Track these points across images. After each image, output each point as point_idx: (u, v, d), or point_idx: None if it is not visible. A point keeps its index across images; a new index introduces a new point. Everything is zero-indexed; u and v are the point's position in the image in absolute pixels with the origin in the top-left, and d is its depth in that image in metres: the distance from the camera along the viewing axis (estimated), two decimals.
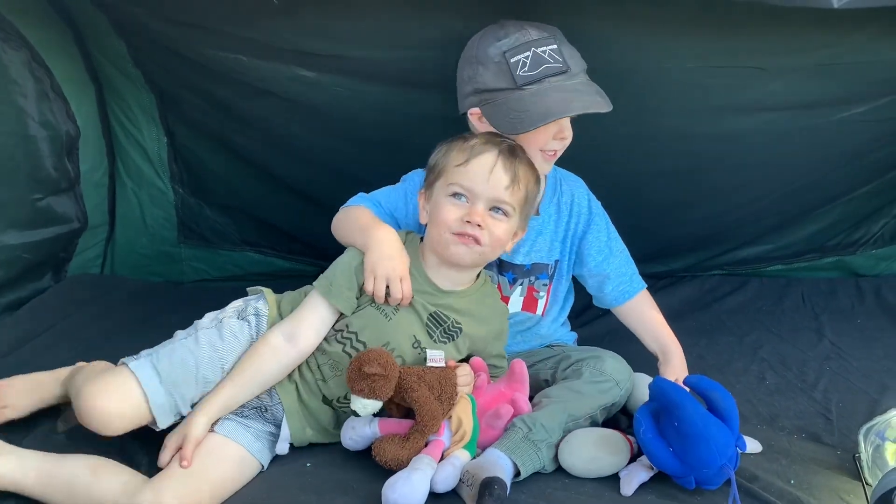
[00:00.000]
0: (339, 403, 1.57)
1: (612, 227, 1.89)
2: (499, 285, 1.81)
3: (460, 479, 1.42)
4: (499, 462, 1.43)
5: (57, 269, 2.45)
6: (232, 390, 1.51)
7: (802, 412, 1.79)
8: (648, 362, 1.79)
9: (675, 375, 1.69)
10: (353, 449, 1.54)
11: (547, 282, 1.85)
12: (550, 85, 1.60)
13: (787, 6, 1.53)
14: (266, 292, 1.65)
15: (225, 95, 2.16)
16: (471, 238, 1.55)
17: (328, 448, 1.59)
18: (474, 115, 1.70)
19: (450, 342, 1.62)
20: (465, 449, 1.49)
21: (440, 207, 1.58)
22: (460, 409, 1.53)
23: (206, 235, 2.64)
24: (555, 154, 1.71)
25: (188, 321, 1.65)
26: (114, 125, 2.44)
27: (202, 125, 2.39)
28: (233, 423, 1.53)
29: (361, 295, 1.58)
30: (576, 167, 1.95)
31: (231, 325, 1.57)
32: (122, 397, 1.45)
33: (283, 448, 1.55)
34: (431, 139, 1.75)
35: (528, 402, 1.60)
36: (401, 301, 1.56)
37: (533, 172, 1.63)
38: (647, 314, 1.87)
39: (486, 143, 1.59)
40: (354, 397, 1.47)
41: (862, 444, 1.51)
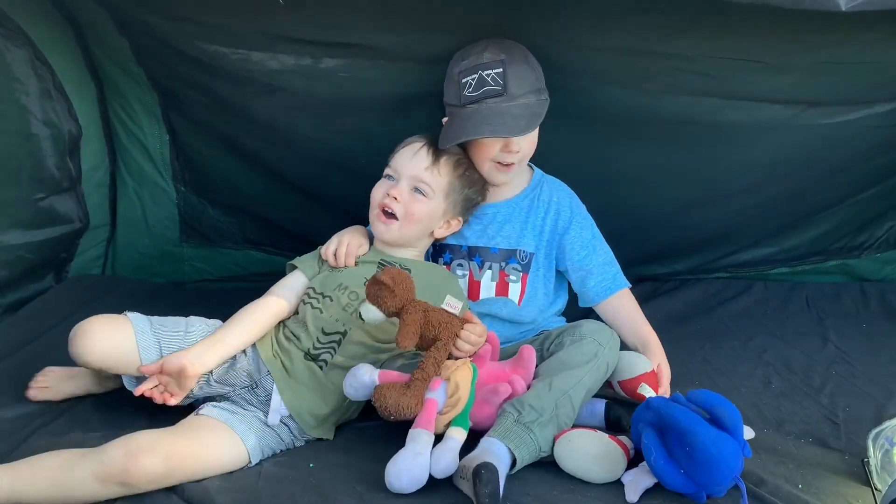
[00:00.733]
0: (314, 350, 1.69)
1: (597, 230, 1.97)
2: (469, 272, 1.92)
3: (459, 476, 1.43)
4: (492, 449, 1.45)
5: (58, 269, 2.45)
6: (228, 334, 1.67)
7: (809, 416, 1.78)
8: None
9: (656, 361, 1.79)
10: (353, 398, 1.59)
11: (518, 268, 1.91)
12: (486, 106, 1.76)
13: (795, 8, 1.52)
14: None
15: (228, 93, 2.15)
16: (390, 214, 1.77)
17: (331, 448, 1.59)
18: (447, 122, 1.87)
19: None
20: (457, 424, 1.50)
21: (374, 188, 1.82)
22: (460, 375, 1.54)
23: (209, 234, 2.63)
24: (510, 166, 1.85)
25: None
26: (115, 124, 2.44)
27: (204, 123, 2.38)
28: (221, 410, 1.59)
29: (322, 266, 1.83)
30: (578, 170, 1.96)
31: (217, 324, 1.75)
32: (110, 326, 1.61)
33: (274, 419, 1.61)
34: (435, 131, 1.78)
35: (525, 386, 1.61)
36: (345, 259, 1.79)
37: (461, 166, 1.82)
38: (626, 309, 1.94)
39: (420, 136, 1.84)
40: (364, 302, 1.58)
41: (871, 448, 1.49)
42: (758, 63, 1.88)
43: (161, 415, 1.64)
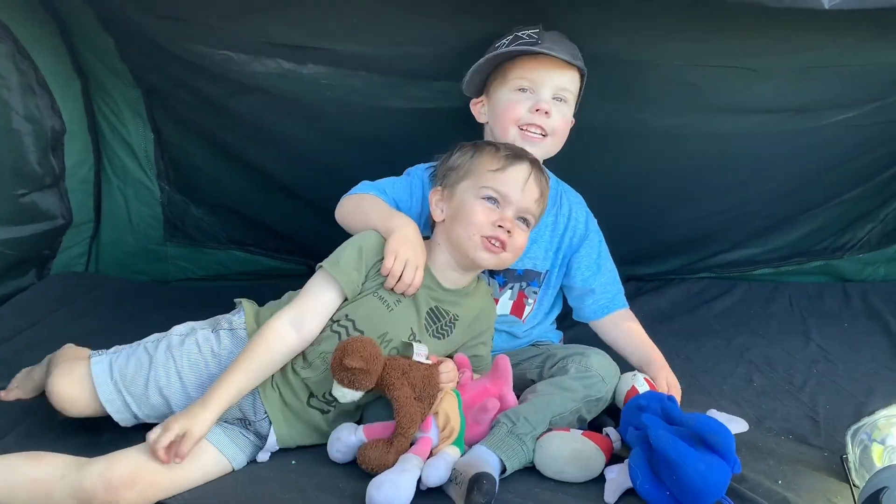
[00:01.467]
0: (329, 395, 1.52)
1: (605, 246, 1.93)
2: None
3: (450, 479, 1.41)
4: (485, 458, 1.43)
5: (40, 266, 2.43)
6: (239, 381, 1.48)
7: (790, 414, 1.79)
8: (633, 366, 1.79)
9: (660, 374, 1.74)
10: (341, 462, 1.50)
11: (537, 290, 1.88)
12: (516, 47, 1.70)
13: (777, 7, 1.53)
14: (245, 304, 1.64)
15: (213, 92, 2.15)
16: (498, 244, 1.58)
17: (313, 448, 1.57)
18: (475, 105, 1.82)
19: (443, 339, 1.63)
20: (453, 445, 1.48)
21: (471, 208, 1.59)
22: (447, 405, 1.52)
23: (192, 234, 2.62)
24: (538, 134, 1.74)
25: (172, 320, 1.65)
26: (100, 121, 2.43)
27: (189, 122, 2.37)
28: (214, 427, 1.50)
29: (366, 280, 1.58)
30: (564, 169, 1.95)
31: (198, 336, 1.58)
32: (76, 386, 1.53)
33: (264, 457, 1.54)
34: (419, 134, 1.76)
35: (515, 396, 1.60)
36: (408, 288, 1.57)
37: (548, 185, 1.69)
38: (622, 328, 1.89)
39: (518, 154, 1.64)
40: (335, 384, 1.47)
41: (849, 445, 1.50)
42: (743, 70, 1.89)
43: None
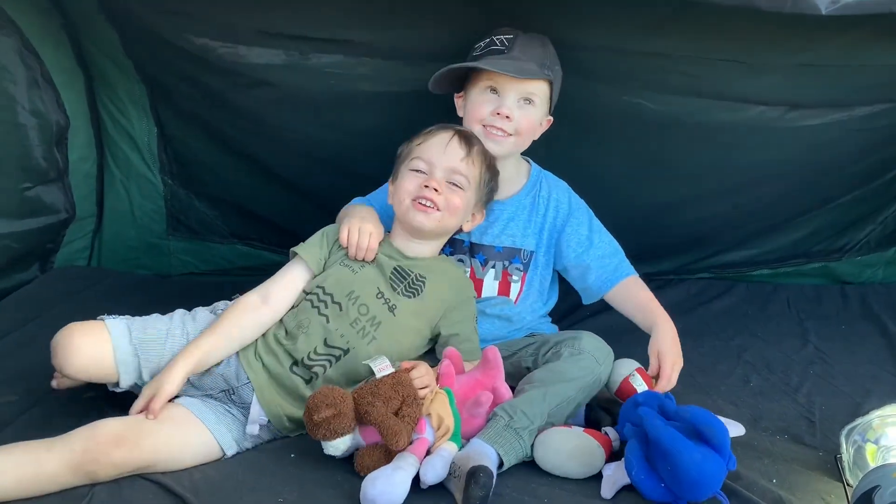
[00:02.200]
0: (308, 360, 1.61)
1: (597, 223, 1.95)
2: (471, 269, 1.90)
3: (448, 473, 1.42)
4: (483, 451, 1.45)
5: (43, 259, 2.45)
6: (208, 342, 1.58)
7: (786, 414, 1.81)
8: (634, 357, 1.80)
9: (662, 348, 1.74)
10: (338, 457, 1.51)
11: (521, 268, 1.91)
12: (486, 59, 1.79)
13: (775, 11, 1.54)
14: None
15: (216, 86, 2.16)
16: (430, 204, 1.69)
17: (312, 439, 1.58)
18: (457, 98, 1.90)
19: (415, 297, 1.71)
20: (450, 441, 1.49)
21: (403, 180, 1.74)
22: (437, 405, 1.52)
23: (195, 227, 2.63)
24: (500, 134, 1.81)
25: None
26: (103, 115, 2.44)
27: (193, 116, 2.38)
28: (197, 402, 1.56)
29: (330, 256, 1.73)
30: (562, 168, 1.97)
31: (202, 313, 1.69)
32: (89, 338, 1.53)
33: (252, 429, 1.56)
34: (422, 127, 1.79)
35: (508, 388, 1.61)
36: (367, 252, 1.71)
37: (488, 157, 1.78)
38: (632, 292, 1.90)
39: (442, 126, 1.78)
40: (324, 443, 1.47)
41: (844, 444, 1.52)
42: (740, 64, 1.91)
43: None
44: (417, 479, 1.41)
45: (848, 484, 1.46)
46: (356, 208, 1.84)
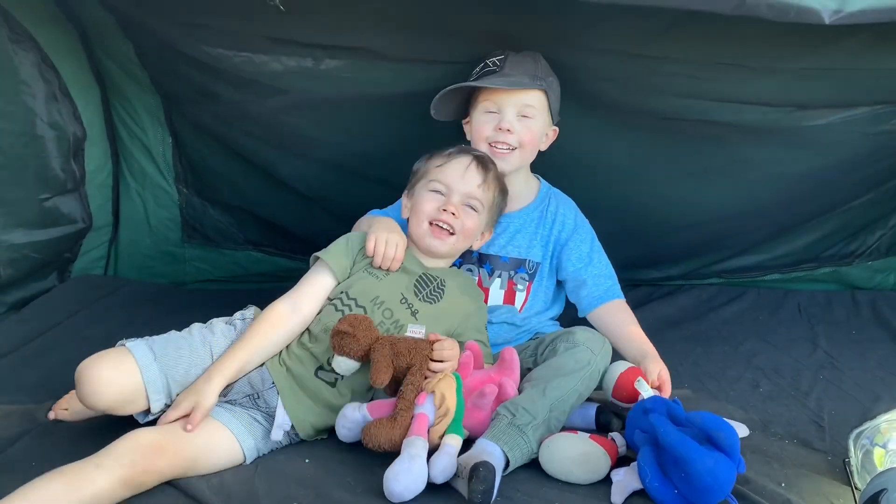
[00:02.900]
0: (331, 367, 1.64)
1: (598, 244, 2.02)
2: (479, 278, 1.97)
3: (456, 474, 1.45)
4: (488, 450, 1.48)
5: (62, 269, 2.49)
6: (243, 355, 1.62)
7: (795, 419, 1.81)
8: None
9: (652, 366, 1.75)
10: (348, 440, 1.58)
11: (526, 278, 1.97)
12: (481, 80, 1.88)
13: (779, 21, 1.55)
14: (255, 309, 1.76)
15: (230, 95, 2.19)
16: (445, 229, 1.78)
17: (327, 444, 1.62)
18: (465, 124, 1.98)
19: (436, 303, 1.76)
20: (451, 431, 1.52)
21: (421, 200, 1.82)
22: (444, 385, 1.57)
23: (210, 235, 2.67)
24: (506, 149, 1.89)
25: (191, 322, 1.70)
26: (118, 126, 2.49)
27: (206, 125, 2.42)
28: (221, 409, 1.58)
29: (355, 265, 1.78)
30: (572, 176, 2.00)
31: (220, 325, 1.71)
32: (115, 367, 1.51)
33: (277, 434, 1.59)
34: (433, 133, 1.81)
35: (515, 388, 1.64)
36: (392, 262, 1.76)
37: (501, 182, 1.87)
38: (617, 319, 1.94)
39: (462, 150, 1.86)
40: (333, 357, 1.59)
41: (852, 448, 1.52)
42: (744, 68, 1.91)
43: None
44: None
45: (856, 487, 1.47)
46: (378, 219, 1.89)
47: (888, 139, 2.23)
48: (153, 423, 1.54)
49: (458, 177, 1.80)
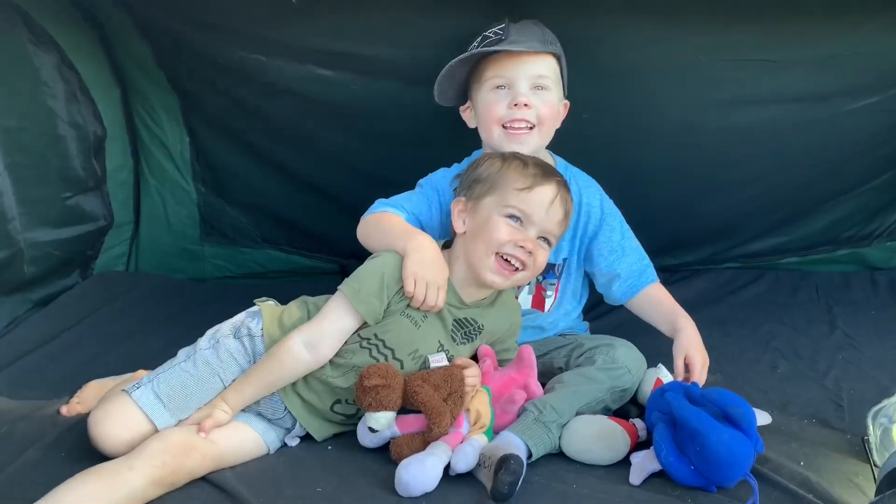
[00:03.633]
0: (353, 401, 1.57)
1: (626, 226, 1.90)
2: None
3: (478, 463, 1.46)
4: (513, 442, 1.48)
5: (84, 266, 2.53)
6: (253, 390, 1.56)
7: (813, 399, 1.81)
8: (660, 355, 1.80)
9: (690, 350, 1.71)
10: (371, 445, 1.56)
11: (555, 281, 1.89)
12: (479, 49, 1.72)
13: None
14: (264, 308, 1.66)
15: (246, 96, 2.22)
16: (518, 263, 1.58)
17: (349, 432, 1.62)
18: (464, 111, 1.84)
19: (471, 342, 1.67)
20: (482, 434, 1.52)
21: (494, 225, 1.59)
22: (478, 401, 1.56)
23: (228, 233, 2.70)
24: (524, 128, 1.72)
25: (210, 317, 1.71)
26: (138, 126, 2.52)
27: (223, 125, 2.45)
28: (241, 412, 1.58)
29: (390, 305, 1.58)
30: (587, 161, 1.97)
31: (227, 344, 1.60)
32: (127, 426, 1.49)
33: (292, 442, 1.60)
34: (446, 133, 1.79)
35: (540, 385, 1.64)
36: (433, 308, 1.58)
37: (573, 209, 1.70)
38: (653, 303, 1.87)
39: (546, 174, 1.63)
40: (367, 414, 1.51)
41: (870, 426, 1.52)
42: (764, 62, 1.91)
43: None
44: (447, 469, 1.45)
45: (875, 465, 1.47)
46: (414, 239, 1.62)
47: None
48: None
49: (542, 209, 1.58)
